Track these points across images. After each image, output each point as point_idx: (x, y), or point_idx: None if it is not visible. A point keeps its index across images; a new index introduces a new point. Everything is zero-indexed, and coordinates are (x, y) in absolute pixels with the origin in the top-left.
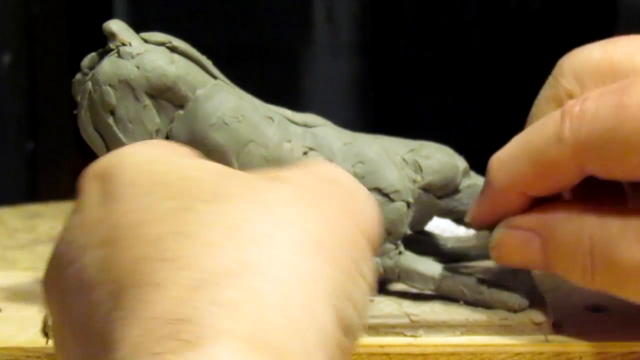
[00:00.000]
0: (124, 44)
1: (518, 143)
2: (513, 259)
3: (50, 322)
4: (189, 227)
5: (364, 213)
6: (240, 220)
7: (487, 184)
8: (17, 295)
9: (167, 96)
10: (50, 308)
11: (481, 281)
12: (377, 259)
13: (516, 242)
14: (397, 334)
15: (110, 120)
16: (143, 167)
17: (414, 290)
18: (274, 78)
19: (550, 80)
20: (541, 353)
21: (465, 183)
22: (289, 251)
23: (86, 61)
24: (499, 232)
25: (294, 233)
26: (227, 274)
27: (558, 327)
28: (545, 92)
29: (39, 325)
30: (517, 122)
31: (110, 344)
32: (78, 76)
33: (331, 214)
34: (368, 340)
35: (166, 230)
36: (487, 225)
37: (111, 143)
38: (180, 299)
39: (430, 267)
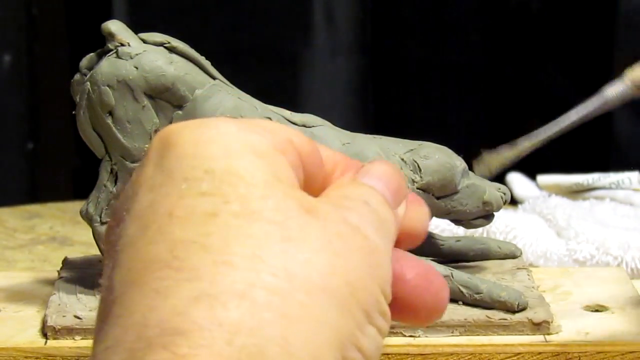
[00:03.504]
0: (122, 44)
1: None
2: None
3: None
4: (211, 240)
5: (383, 270)
6: (264, 247)
7: None
8: (17, 295)
9: (165, 96)
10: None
11: (480, 281)
12: None
13: None
14: (396, 333)
15: (109, 120)
16: (198, 147)
17: None
18: (273, 78)
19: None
20: (541, 353)
21: (464, 183)
22: (305, 291)
23: (85, 61)
24: None
25: (313, 276)
26: (235, 295)
27: (557, 327)
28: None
29: (38, 325)
30: (516, 122)
31: (105, 341)
32: (77, 76)
33: (353, 265)
34: None
35: (188, 236)
36: None
37: (110, 143)
38: (180, 310)
39: None
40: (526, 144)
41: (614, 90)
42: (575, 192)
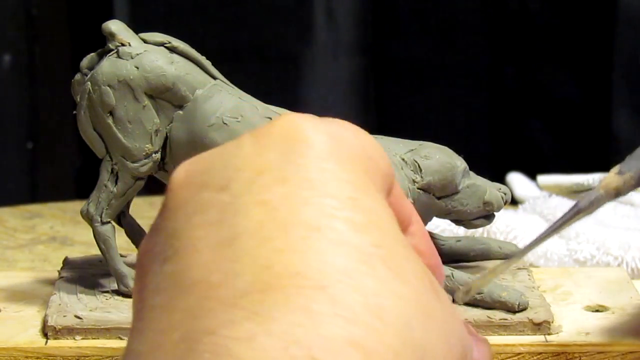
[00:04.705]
0: (123, 44)
1: None
2: None
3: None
4: (264, 308)
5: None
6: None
7: None
8: (17, 295)
9: (166, 96)
10: None
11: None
12: None
13: None
14: None
15: (110, 120)
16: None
17: None
18: (274, 78)
19: None
20: (541, 353)
21: (464, 183)
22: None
23: (85, 61)
24: None
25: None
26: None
27: (558, 327)
28: None
29: (38, 325)
30: (516, 122)
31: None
32: (77, 76)
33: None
34: None
35: (244, 288)
36: None
37: (110, 143)
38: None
39: None
40: (502, 266)
41: (587, 200)
42: (576, 193)
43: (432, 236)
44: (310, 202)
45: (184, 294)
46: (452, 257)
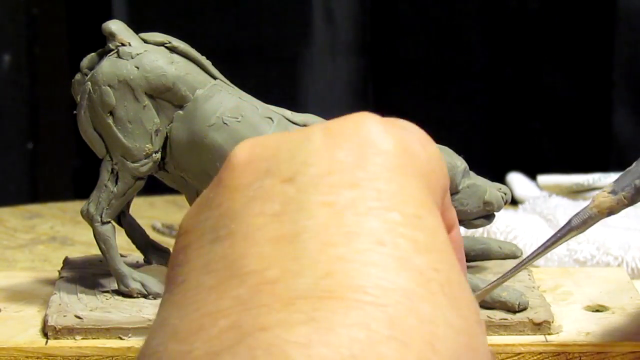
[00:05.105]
0: (123, 44)
1: None
2: None
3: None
4: (322, 316)
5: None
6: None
7: None
8: (17, 295)
9: (166, 96)
10: None
11: (481, 281)
12: None
13: None
14: None
15: (110, 120)
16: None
17: None
18: (273, 78)
19: None
20: (541, 353)
21: (464, 183)
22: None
23: (85, 61)
24: None
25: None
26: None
27: (558, 327)
28: None
29: (39, 325)
30: (516, 122)
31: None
32: (77, 76)
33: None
34: None
35: (303, 290)
36: None
37: (110, 143)
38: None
39: None
40: (495, 282)
41: (580, 219)
42: (576, 192)
43: None
44: (376, 213)
45: (236, 282)
46: None
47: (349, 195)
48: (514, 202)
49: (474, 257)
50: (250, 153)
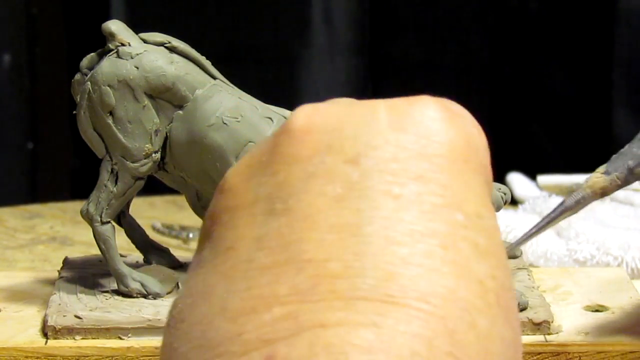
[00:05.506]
0: (123, 44)
1: None
2: None
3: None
4: (384, 321)
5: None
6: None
7: None
8: (17, 295)
9: (166, 96)
10: None
11: None
12: None
13: None
14: None
15: (110, 120)
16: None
17: None
18: (272, 78)
19: None
20: (541, 353)
21: None
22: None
23: (85, 61)
24: None
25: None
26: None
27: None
28: None
29: (38, 325)
30: (516, 122)
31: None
32: (77, 76)
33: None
34: None
35: (365, 291)
36: None
37: (110, 143)
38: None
39: None
40: None
41: (574, 199)
42: None
43: None
44: (441, 212)
45: (293, 267)
46: None
47: (414, 189)
48: (514, 202)
49: None
50: (310, 122)
